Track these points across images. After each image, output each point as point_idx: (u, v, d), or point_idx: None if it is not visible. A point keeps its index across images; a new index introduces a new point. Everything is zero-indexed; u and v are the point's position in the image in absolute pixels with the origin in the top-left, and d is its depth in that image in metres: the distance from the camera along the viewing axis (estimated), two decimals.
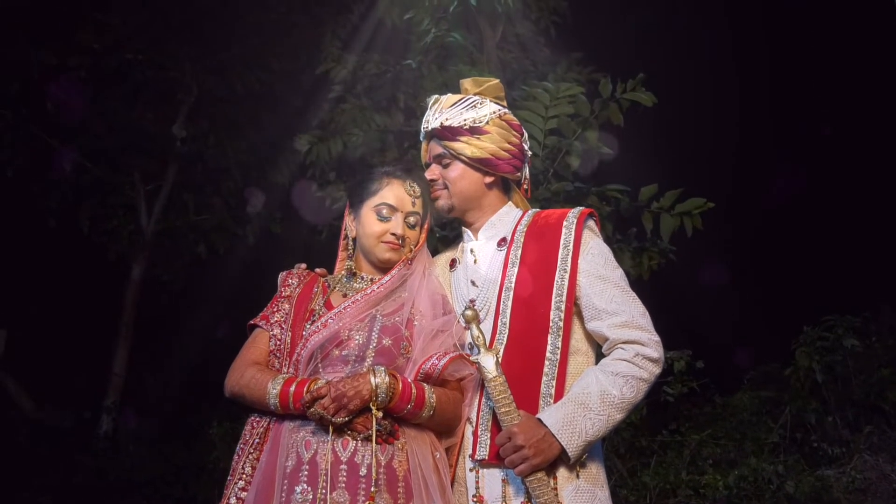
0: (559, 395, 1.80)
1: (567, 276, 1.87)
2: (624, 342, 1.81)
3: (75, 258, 7.83)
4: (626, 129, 4.42)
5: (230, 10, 7.47)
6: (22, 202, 7.56)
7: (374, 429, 1.70)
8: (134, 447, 6.59)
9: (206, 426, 5.96)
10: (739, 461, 5.13)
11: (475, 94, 2.04)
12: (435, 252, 2.19)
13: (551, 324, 1.84)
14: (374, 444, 1.70)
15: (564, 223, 1.94)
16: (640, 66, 4.23)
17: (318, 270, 2.06)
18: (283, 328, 1.89)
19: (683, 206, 4.11)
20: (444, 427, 1.85)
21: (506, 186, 2.12)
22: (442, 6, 5.44)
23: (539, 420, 1.73)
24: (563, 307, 1.84)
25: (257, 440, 1.80)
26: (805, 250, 7.39)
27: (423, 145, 2.12)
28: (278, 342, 1.88)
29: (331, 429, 1.70)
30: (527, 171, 2.10)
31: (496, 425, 1.79)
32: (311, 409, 1.69)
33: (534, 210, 2.07)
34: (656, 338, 1.83)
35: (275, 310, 1.94)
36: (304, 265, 2.06)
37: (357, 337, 1.83)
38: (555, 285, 1.86)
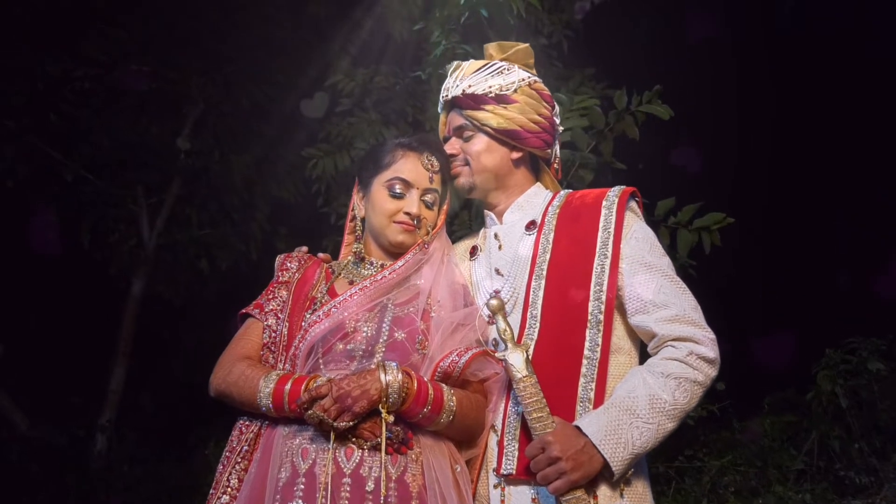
0: (599, 399, 1.55)
1: (608, 262, 1.62)
2: (675, 339, 1.57)
3: (75, 272, 7.68)
4: (641, 142, 4.28)
5: (238, 24, 7.38)
6: (22, 214, 7.42)
7: (383, 436, 1.45)
8: (128, 467, 6.36)
9: (203, 446, 5.73)
10: (762, 489, 4.90)
11: (501, 60, 1.81)
12: None
13: (590, 317, 1.59)
14: (383, 453, 1.44)
15: (604, 203, 1.70)
16: (654, 82, 4.08)
17: (321, 255, 1.81)
18: (279, 318, 1.64)
19: (702, 221, 3.94)
20: (465, 435, 1.60)
21: (534, 165, 1.88)
22: (453, 18, 5.34)
23: (578, 428, 1.48)
24: (603, 298, 1.60)
25: (246, 448, 1.53)
26: (827, 269, 7.16)
27: (442, 117, 1.88)
28: (273, 334, 1.62)
29: (332, 435, 1.44)
30: (557, 148, 1.87)
31: (525, 434, 1.53)
32: (310, 412, 1.44)
33: (566, 191, 1.83)
34: (711, 335, 1.58)
35: (270, 297, 1.69)
36: (305, 248, 1.82)
37: (365, 329, 1.57)
38: (593, 273, 1.62)
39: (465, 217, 3.95)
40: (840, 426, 5.46)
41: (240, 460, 1.53)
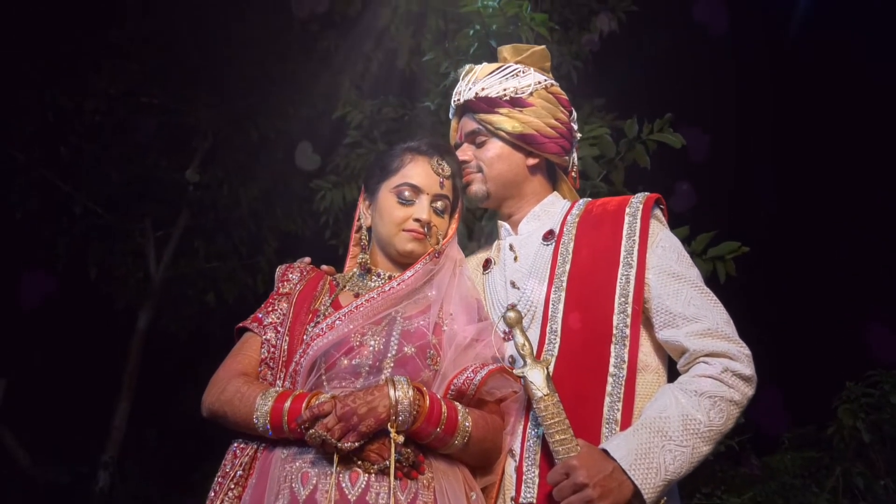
0: (627, 420, 1.42)
1: (633, 272, 1.51)
2: (707, 355, 1.44)
3: (81, 306, 7.61)
4: (653, 171, 4.22)
5: (248, 58, 7.43)
6: (30, 246, 7.40)
7: (392, 458, 1.31)
8: None
9: (208, 483, 5.56)
10: None
11: (516, 63, 1.72)
12: None
13: (615, 331, 1.47)
14: (391, 478, 1.30)
15: (627, 210, 1.59)
16: (664, 112, 4.04)
17: (324, 268, 1.70)
18: (278, 332, 1.51)
19: (716, 251, 3.84)
20: (481, 460, 1.46)
21: (550, 173, 1.78)
22: (461, 49, 5.34)
23: (604, 451, 1.36)
24: (628, 310, 1.48)
25: (240, 472, 1.40)
26: (847, 297, 7.00)
27: (453, 123, 1.79)
28: (272, 349, 1.50)
29: (336, 458, 1.31)
30: (575, 156, 1.77)
31: (547, 459, 1.40)
32: (311, 432, 1.30)
33: (585, 199, 1.73)
34: (747, 350, 1.46)
35: (269, 310, 1.57)
36: (307, 259, 1.71)
37: (372, 343, 1.45)
38: (618, 284, 1.50)
39: (474, 248, 3.86)
40: (863, 462, 5.28)
41: (233, 486, 1.40)
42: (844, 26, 6.76)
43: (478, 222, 3.64)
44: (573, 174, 1.78)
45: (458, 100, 1.74)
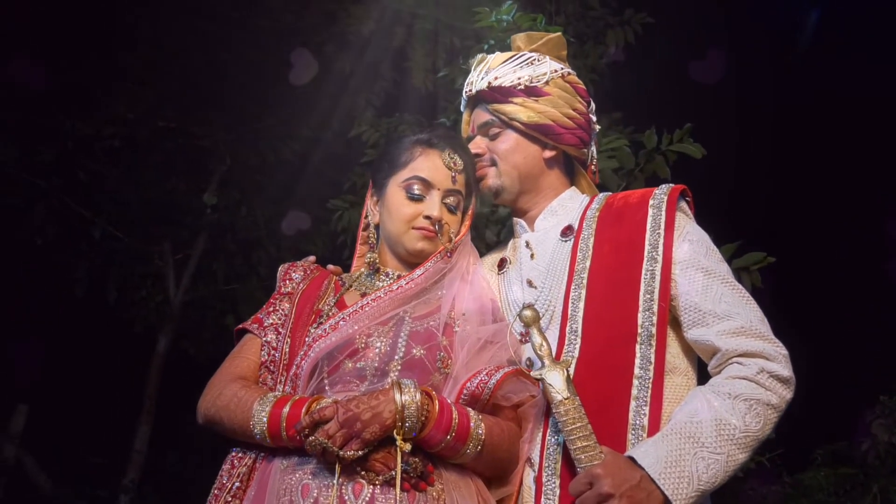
0: (654, 425, 1.32)
1: (658, 267, 1.40)
2: (741, 355, 1.34)
3: (101, 330, 7.64)
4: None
5: (264, 81, 7.47)
6: (49, 271, 7.44)
7: (398, 468, 1.22)
8: None
9: None
10: None
11: (531, 51, 1.64)
12: None
13: (640, 329, 1.37)
14: (397, 490, 1.21)
15: (651, 202, 1.49)
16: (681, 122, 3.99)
17: (330, 268, 1.61)
18: (279, 333, 1.42)
19: (740, 262, 3.73)
20: (496, 470, 1.36)
21: (568, 166, 1.69)
22: None
23: (631, 459, 1.25)
24: (654, 308, 1.37)
25: (237, 484, 1.31)
26: (879, 309, 6.82)
27: (465, 115, 1.71)
28: (273, 351, 1.41)
29: (338, 467, 1.22)
30: (594, 149, 1.68)
31: (568, 468, 1.30)
32: (311, 439, 1.21)
33: (605, 193, 1.64)
34: (783, 350, 1.35)
35: (271, 310, 1.48)
36: (312, 258, 1.62)
37: (378, 344, 1.35)
38: (642, 280, 1.40)
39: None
40: None
41: (230, 499, 1.30)
42: (845, 28, 6.69)
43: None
44: (592, 168, 1.69)
45: (471, 90, 1.66)
